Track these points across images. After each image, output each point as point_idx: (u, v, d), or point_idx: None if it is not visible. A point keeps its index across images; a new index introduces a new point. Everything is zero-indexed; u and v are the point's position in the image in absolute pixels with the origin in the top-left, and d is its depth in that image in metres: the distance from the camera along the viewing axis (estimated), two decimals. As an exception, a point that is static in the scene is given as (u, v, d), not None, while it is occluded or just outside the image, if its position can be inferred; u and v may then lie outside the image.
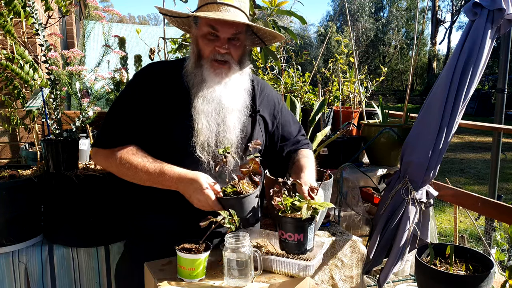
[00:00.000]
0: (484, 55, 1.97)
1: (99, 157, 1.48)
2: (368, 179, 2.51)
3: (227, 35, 1.38)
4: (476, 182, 7.06)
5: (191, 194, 1.30)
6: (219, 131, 1.42)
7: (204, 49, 1.40)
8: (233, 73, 1.44)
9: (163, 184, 1.36)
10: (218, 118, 1.42)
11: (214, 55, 1.39)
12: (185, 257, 1.21)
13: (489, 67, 19.03)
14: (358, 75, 3.12)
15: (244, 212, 1.29)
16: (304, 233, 1.28)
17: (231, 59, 1.42)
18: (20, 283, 1.74)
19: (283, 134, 1.65)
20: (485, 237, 3.00)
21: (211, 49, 1.39)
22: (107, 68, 2.14)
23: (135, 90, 1.48)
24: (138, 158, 1.38)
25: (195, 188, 1.29)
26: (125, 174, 1.41)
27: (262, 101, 1.59)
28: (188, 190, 1.31)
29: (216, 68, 1.40)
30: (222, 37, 1.38)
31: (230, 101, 1.43)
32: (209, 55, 1.40)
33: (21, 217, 1.76)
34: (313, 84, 3.28)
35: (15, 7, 1.93)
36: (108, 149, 1.43)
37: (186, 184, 1.31)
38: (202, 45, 1.41)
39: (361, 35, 25.20)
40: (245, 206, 1.29)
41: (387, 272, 2.19)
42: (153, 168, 1.36)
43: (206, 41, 1.39)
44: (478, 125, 2.63)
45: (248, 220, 1.30)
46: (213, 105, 1.41)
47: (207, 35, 1.39)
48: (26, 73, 1.99)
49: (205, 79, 1.41)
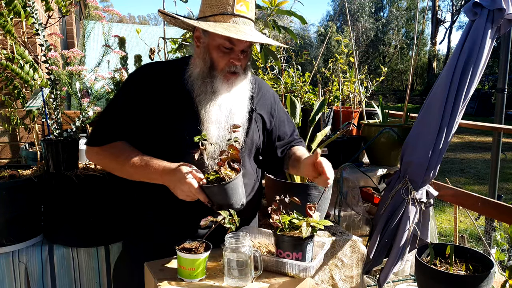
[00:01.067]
0: (484, 55, 1.97)
1: (90, 155, 1.50)
2: (368, 179, 2.50)
3: (242, 47, 1.38)
4: (476, 182, 7.06)
5: (175, 185, 1.29)
6: (226, 137, 1.42)
7: (219, 61, 1.39)
8: (240, 82, 1.44)
9: (149, 178, 1.36)
10: (227, 125, 1.42)
11: (230, 67, 1.39)
12: (185, 257, 1.21)
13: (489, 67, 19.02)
14: (358, 75, 3.12)
15: (228, 198, 1.27)
16: (303, 251, 1.28)
17: (240, 69, 1.42)
18: (20, 283, 1.74)
19: (279, 133, 1.66)
20: (485, 237, 3.00)
21: (226, 62, 1.39)
22: (107, 68, 2.14)
23: (130, 89, 1.48)
24: (126, 153, 1.40)
25: (178, 178, 1.28)
26: (114, 169, 1.45)
27: (259, 100, 1.59)
28: (172, 182, 1.30)
29: (228, 79, 1.41)
30: (237, 49, 1.38)
31: (238, 108, 1.45)
32: (224, 68, 1.39)
33: (21, 217, 1.76)
34: (313, 84, 3.27)
35: (15, 7, 1.93)
36: (98, 146, 1.44)
37: (169, 175, 1.31)
38: (216, 57, 1.39)
39: (361, 35, 25.19)
40: (229, 192, 1.27)
41: (387, 272, 2.19)
42: (139, 162, 1.37)
43: (221, 54, 1.38)
44: (478, 125, 2.63)
45: (232, 206, 1.29)
46: (225, 113, 1.42)
47: (221, 47, 1.37)
48: (26, 73, 1.99)
49: (217, 89, 1.40)
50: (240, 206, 1.32)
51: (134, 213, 1.56)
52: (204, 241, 1.27)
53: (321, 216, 1.44)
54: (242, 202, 1.32)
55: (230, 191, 1.27)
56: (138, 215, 1.54)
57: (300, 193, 1.86)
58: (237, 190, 1.30)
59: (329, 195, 2.03)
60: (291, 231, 1.30)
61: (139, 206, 1.54)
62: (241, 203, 1.32)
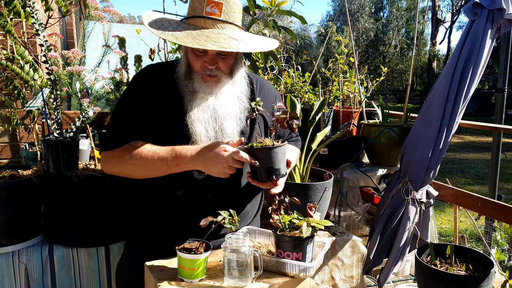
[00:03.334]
0: (484, 55, 1.97)
1: (109, 160, 1.44)
2: (368, 179, 2.51)
3: (216, 51, 1.35)
4: (476, 182, 7.07)
5: (212, 161, 1.27)
6: (217, 137, 1.42)
7: (194, 64, 1.39)
8: (223, 85, 1.42)
9: (178, 165, 1.33)
10: (215, 125, 1.42)
11: (204, 70, 1.38)
12: (186, 257, 1.21)
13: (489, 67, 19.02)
14: (358, 75, 3.12)
15: (278, 162, 1.30)
16: (303, 251, 1.28)
17: (219, 73, 1.39)
18: (20, 283, 1.74)
19: (278, 133, 1.66)
20: (485, 237, 3.00)
21: (200, 65, 1.37)
22: (107, 68, 2.14)
23: (132, 92, 1.49)
24: (149, 148, 1.37)
25: (215, 152, 1.26)
26: (140, 167, 1.37)
27: (261, 100, 1.59)
28: (208, 159, 1.28)
29: (206, 81, 1.39)
30: (210, 53, 1.36)
31: (225, 110, 1.43)
32: (199, 71, 1.38)
33: (21, 217, 1.76)
34: (313, 84, 3.27)
35: (15, 7, 1.93)
36: (118, 148, 1.41)
37: (204, 152, 1.29)
38: (191, 60, 1.38)
39: (361, 35, 25.18)
40: (279, 156, 1.30)
41: (387, 272, 2.19)
42: (166, 152, 1.34)
43: (194, 56, 1.37)
44: (478, 125, 2.63)
45: (279, 171, 1.30)
46: (208, 113, 1.41)
47: (194, 50, 1.36)
48: (26, 73, 1.99)
49: (196, 90, 1.40)
50: (285, 173, 1.34)
51: (134, 213, 1.56)
52: (204, 241, 1.27)
53: (321, 216, 1.43)
54: (286, 171, 1.36)
55: (280, 156, 1.30)
56: (138, 215, 1.54)
57: (300, 193, 1.86)
58: (284, 157, 1.33)
59: (329, 195, 2.03)
60: (291, 231, 1.30)
61: (139, 206, 1.54)
62: (285, 171, 1.35)
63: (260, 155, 1.28)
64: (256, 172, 1.32)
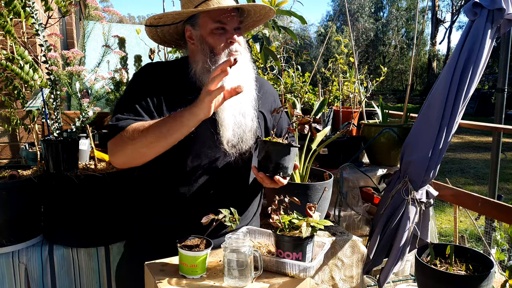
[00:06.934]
0: (484, 55, 1.97)
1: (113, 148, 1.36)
2: (368, 179, 2.50)
3: (234, 25, 1.40)
4: (476, 182, 7.06)
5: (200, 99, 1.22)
6: (241, 122, 1.43)
7: (217, 44, 1.39)
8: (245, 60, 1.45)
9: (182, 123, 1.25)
10: (241, 111, 1.43)
11: (229, 47, 1.39)
12: (187, 254, 1.22)
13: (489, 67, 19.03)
14: (358, 75, 3.12)
15: (288, 161, 1.37)
16: (303, 251, 1.28)
17: (240, 48, 1.43)
18: (20, 283, 1.74)
19: (276, 132, 1.66)
20: (485, 237, 3.00)
21: (224, 43, 1.39)
22: (107, 68, 2.14)
23: (135, 86, 1.46)
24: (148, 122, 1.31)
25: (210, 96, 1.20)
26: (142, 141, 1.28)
27: (261, 97, 1.59)
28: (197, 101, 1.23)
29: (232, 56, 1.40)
30: (229, 28, 1.39)
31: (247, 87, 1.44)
32: (224, 49, 1.39)
33: (21, 217, 1.76)
34: (313, 84, 3.27)
35: (15, 7, 1.93)
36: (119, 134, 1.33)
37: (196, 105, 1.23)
38: (213, 42, 1.39)
39: (361, 35, 25.18)
40: (291, 156, 1.37)
41: (387, 272, 2.19)
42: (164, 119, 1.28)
43: (216, 36, 1.39)
44: (478, 125, 2.63)
45: (287, 169, 1.37)
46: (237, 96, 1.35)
47: (214, 31, 1.39)
48: (26, 74, 1.99)
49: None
50: (290, 174, 1.40)
51: (134, 213, 1.56)
52: (205, 238, 1.28)
53: (321, 216, 1.44)
54: (291, 172, 1.42)
55: (292, 156, 1.38)
56: (138, 215, 1.54)
57: (300, 193, 1.86)
58: (294, 158, 1.40)
59: (329, 195, 2.03)
60: (291, 231, 1.30)
61: (139, 206, 1.54)
62: (291, 172, 1.41)
63: (275, 149, 1.34)
64: (264, 164, 1.36)
